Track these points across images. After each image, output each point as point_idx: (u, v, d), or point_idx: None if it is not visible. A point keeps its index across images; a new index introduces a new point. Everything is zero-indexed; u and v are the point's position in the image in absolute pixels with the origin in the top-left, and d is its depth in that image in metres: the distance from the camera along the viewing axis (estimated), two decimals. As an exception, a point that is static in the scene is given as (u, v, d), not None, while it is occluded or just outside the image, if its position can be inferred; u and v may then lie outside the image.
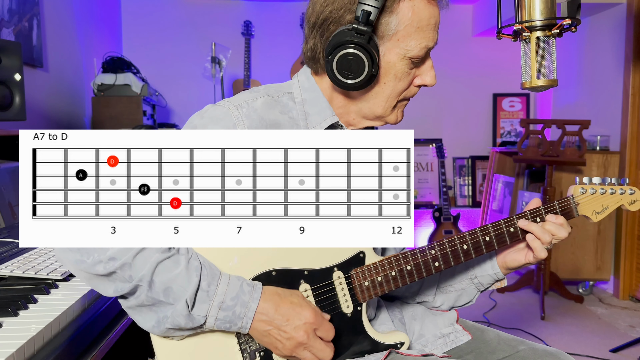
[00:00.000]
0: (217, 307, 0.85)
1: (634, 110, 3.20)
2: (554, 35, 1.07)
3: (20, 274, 1.06)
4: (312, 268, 0.95)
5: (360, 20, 0.87)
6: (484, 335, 1.10)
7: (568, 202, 1.05)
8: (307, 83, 1.01)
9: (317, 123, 0.98)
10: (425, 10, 0.92)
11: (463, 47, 4.29)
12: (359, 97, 0.98)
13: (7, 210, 1.58)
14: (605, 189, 1.05)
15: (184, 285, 0.84)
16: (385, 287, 0.98)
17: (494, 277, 1.11)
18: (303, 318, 0.88)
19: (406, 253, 0.99)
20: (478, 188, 4.39)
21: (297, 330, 0.87)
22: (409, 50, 0.93)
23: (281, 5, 4.12)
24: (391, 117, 1.00)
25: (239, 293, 0.86)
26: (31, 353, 0.79)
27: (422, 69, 0.98)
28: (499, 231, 1.02)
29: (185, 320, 0.84)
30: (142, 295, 0.84)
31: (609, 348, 2.52)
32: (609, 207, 1.06)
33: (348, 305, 0.97)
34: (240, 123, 0.92)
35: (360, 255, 0.97)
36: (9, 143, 1.86)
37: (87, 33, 3.35)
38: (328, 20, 0.92)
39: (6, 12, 2.28)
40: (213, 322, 0.86)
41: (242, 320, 0.86)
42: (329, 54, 0.90)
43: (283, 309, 0.88)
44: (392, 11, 0.90)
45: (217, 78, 3.44)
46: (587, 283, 3.34)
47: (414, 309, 1.16)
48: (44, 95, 2.68)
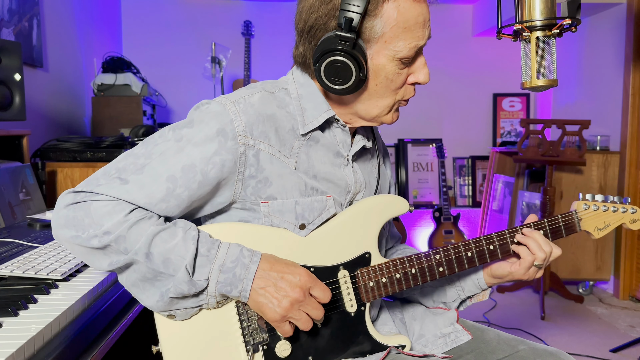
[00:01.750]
0: (218, 269, 0.87)
1: (634, 110, 3.20)
2: (554, 35, 1.07)
3: (20, 274, 1.06)
4: (318, 265, 0.96)
5: (343, 27, 0.87)
6: (484, 335, 1.10)
7: (571, 217, 1.06)
8: (302, 78, 1.00)
9: (314, 117, 0.98)
10: (411, 10, 0.90)
11: (463, 47, 4.29)
12: (354, 99, 0.97)
13: (7, 210, 1.58)
14: (607, 207, 1.07)
15: (182, 254, 0.85)
16: (389, 289, 0.99)
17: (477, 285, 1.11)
18: (298, 275, 0.89)
19: (411, 257, 1.00)
20: (478, 188, 4.39)
21: (293, 287, 0.88)
22: (398, 51, 0.92)
23: (281, 5, 4.12)
24: (387, 117, 1.00)
25: (239, 256, 0.88)
26: (31, 353, 0.79)
27: (414, 67, 0.96)
28: (503, 241, 1.03)
29: (188, 287, 0.85)
30: (143, 267, 0.86)
31: (609, 348, 2.52)
32: (611, 225, 1.08)
33: (352, 304, 0.97)
34: (237, 119, 0.91)
35: (367, 256, 0.98)
36: (9, 143, 1.86)
37: (87, 33, 3.34)
38: (314, 27, 0.92)
39: (6, 12, 2.28)
40: (214, 286, 0.87)
41: (243, 282, 0.87)
42: (316, 62, 0.91)
43: (278, 266, 0.89)
44: (376, 14, 0.89)
45: (217, 78, 3.43)
46: (587, 283, 3.34)
47: (414, 309, 1.16)
48: (44, 95, 2.68)
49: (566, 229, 1.06)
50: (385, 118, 1.00)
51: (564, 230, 1.06)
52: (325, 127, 1.00)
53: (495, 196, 3.96)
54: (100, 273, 1.12)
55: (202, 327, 0.91)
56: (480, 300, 1.14)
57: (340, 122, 1.00)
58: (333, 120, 1.00)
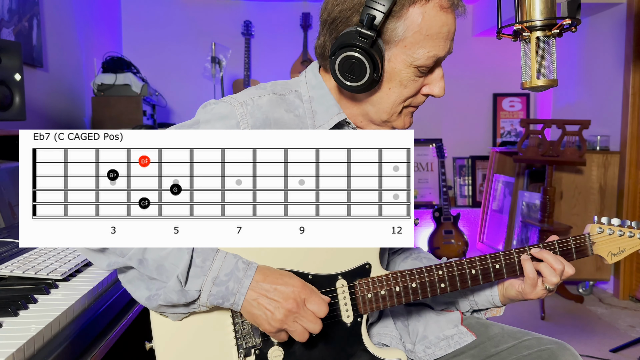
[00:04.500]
0: (211, 282, 0.86)
1: (634, 110, 3.20)
2: (554, 35, 1.07)
3: (20, 274, 1.06)
4: (317, 273, 0.94)
5: (364, 24, 0.86)
6: (488, 331, 1.10)
7: (584, 239, 1.03)
8: (315, 80, 1.00)
9: (325, 121, 0.97)
10: (436, 18, 0.89)
11: (463, 47, 4.28)
12: (365, 99, 0.97)
13: (7, 210, 1.58)
14: (623, 232, 1.02)
15: (175, 262, 0.85)
16: (387, 302, 0.96)
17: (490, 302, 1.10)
18: (291, 286, 0.87)
19: (412, 270, 0.97)
20: (478, 188, 4.39)
21: (286, 299, 0.86)
22: (416, 58, 0.91)
23: (281, 5, 4.12)
24: (398, 122, 0.99)
25: (234, 270, 0.87)
26: (31, 353, 0.79)
27: (430, 78, 0.96)
28: (510, 260, 1.00)
29: (178, 296, 0.85)
30: (136, 271, 0.88)
31: (609, 348, 2.52)
32: (626, 250, 1.03)
33: (348, 315, 0.95)
34: (244, 121, 0.92)
35: (367, 267, 0.96)
36: (9, 143, 1.85)
37: (87, 33, 3.34)
38: (337, 20, 0.92)
39: (6, 12, 2.28)
40: (206, 298, 0.86)
41: (235, 297, 0.86)
42: (332, 54, 0.90)
43: (271, 277, 0.88)
44: (400, 17, 0.88)
45: (217, 78, 3.43)
46: (587, 283, 3.34)
47: (417, 311, 1.15)
48: (44, 95, 2.68)
49: (577, 252, 1.02)
50: (396, 123, 0.99)
51: (574, 253, 1.02)
52: None
53: (495, 196, 3.96)
54: (100, 273, 1.13)
55: (195, 328, 0.91)
56: (494, 315, 1.12)
57: (351, 125, 1.00)
58: (344, 123, 1.00)
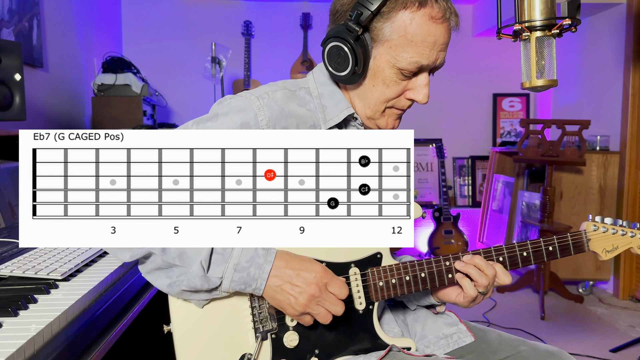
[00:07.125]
0: (233, 268, 0.89)
1: (634, 110, 3.20)
2: (554, 35, 1.07)
3: (20, 274, 1.06)
4: (331, 261, 0.98)
5: (352, 18, 0.92)
6: (485, 336, 1.11)
7: (580, 236, 1.07)
8: (323, 78, 1.04)
9: (335, 115, 1.01)
10: (424, 27, 0.92)
11: (463, 47, 4.28)
12: (353, 90, 1.02)
13: (7, 210, 1.58)
14: (616, 230, 1.08)
15: (197, 249, 0.88)
16: (398, 290, 1.00)
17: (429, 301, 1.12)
18: (313, 271, 0.90)
19: (422, 261, 1.01)
20: (478, 188, 4.39)
21: (309, 284, 0.89)
22: (398, 60, 0.94)
23: (281, 5, 4.12)
24: (381, 121, 1.02)
25: (254, 256, 0.90)
26: (31, 353, 0.79)
27: (414, 83, 0.98)
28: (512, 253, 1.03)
29: (201, 282, 0.88)
30: (158, 259, 0.89)
31: (609, 348, 2.52)
32: (619, 248, 1.09)
33: (361, 302, 0.99)
34: (261, 113, 0.95)
35: (378, 256, 1.00)
36: (9, 143, 1.86)
37: (87, 33, 3.34)
38: (338, 12, 0.98)
39: (6, 12, 2.28)
40: (229, 284, 0.89)
41: (257, 282, 0.89)
42: (323, 42, 0.97)
43: (293, 263, 0.91)
44: (389, 18, 0.93)
45: (217, 78, 3.43)
46: (587, 283, 3.34)
47: (415, 312, 1.16)
48: (44, 95, 2.68)
49: (574, 248, 1.06)
50: (379, 121, 1.02)
51: (572, 248, 1.06)
52: (343, 126, 1.04)
53: (495, 196, 3.96)
54: (100, 273, 1.13)
55: (213, 311, 0.94)
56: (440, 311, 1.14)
57: (357, 121, 1.03)
58: (351, 118, 1.03)
